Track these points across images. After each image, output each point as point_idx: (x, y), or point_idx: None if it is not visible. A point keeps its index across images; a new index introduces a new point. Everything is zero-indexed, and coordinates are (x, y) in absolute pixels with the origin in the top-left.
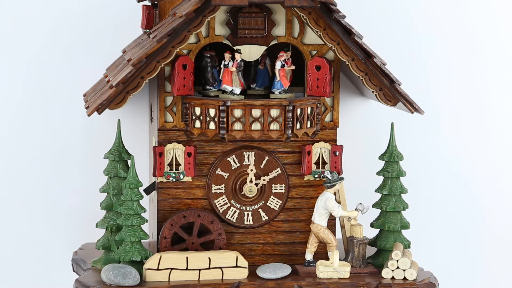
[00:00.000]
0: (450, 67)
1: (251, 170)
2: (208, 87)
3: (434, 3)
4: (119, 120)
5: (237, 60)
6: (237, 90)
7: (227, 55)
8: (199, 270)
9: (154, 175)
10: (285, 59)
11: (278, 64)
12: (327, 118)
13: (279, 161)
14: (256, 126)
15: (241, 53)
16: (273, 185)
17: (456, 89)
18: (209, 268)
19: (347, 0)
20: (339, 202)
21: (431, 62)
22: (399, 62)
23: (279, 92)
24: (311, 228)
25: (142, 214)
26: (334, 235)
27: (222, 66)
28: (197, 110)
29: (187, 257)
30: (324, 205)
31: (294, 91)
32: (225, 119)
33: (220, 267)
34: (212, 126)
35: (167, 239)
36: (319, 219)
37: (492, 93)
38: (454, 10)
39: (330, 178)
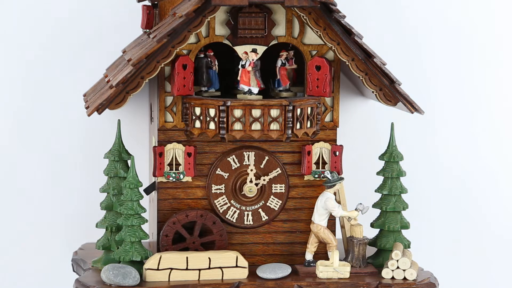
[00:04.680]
0: (450, 67)
1: (251, 170)
2: (202, 88)
3: (434, 3)
4: (119, 120)
5: (253, 60)
6: (255, 90)
7: (244, 55)
8: (199, 270)
9: (154, 175)
10: (286, 58)
11: (278, 63)
12: (327, 118)
13: (279, 161)
14: (256, 126)
15: (257, 53)
16: (273, 185)
17: (456, 89)
18: (209, 268)
19: (347, 0)
20: (339, 202)
21: (431, 62)
22: (399, 62)
23: (279, 91)
24: (311, 228)
25: (142, 214)
26: (334, 235)
27: (239, 66)
28: (197, 110)
29: (187, 257)
30: (324, 205)
31: (294, 91)
32: (225, 119)
33: (220, 267)
34: (212, 126)
35: (169, 237)
36: (319, 219)
37: (492, 93)
38: (454, 10)
39: (330, 178)
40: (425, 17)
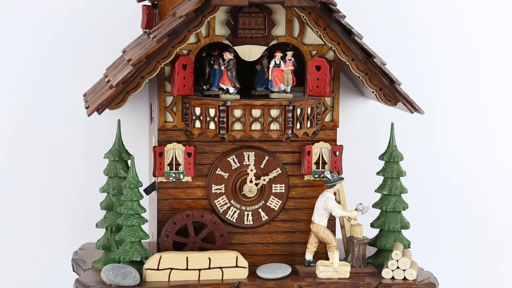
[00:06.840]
0: (450, 67)
1: (251, 170)
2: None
3: (434, 3)
4: (119, 120)
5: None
6: (231, 89)
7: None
8: (199, 270)
9: (154, 175)
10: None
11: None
12: (327, 118)
13: (279, 161)
14: (256, 126)
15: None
16: (273, 185)
17: (456, 89)
18: (209, 268)
19: (347, 0)
20: (339, 202)
21: (431, 62)
22: (399, 62)
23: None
24: (311, 228)
25: (142, 214)
26: (334, 235)
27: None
28: (197, 110)
29: (187, 257)
30: (324, 205)
31: (294, 91)
32: (225, 119)
33: (220, 267)
34: (212, 126)
35: (176, 226)
36: (319, 219)
37: (492, 93)
38: (454, 10)
39: (330, 178)
40: (425, 17)
